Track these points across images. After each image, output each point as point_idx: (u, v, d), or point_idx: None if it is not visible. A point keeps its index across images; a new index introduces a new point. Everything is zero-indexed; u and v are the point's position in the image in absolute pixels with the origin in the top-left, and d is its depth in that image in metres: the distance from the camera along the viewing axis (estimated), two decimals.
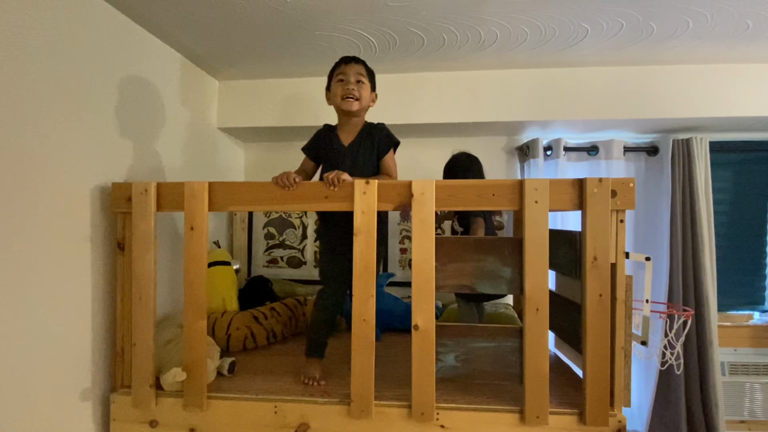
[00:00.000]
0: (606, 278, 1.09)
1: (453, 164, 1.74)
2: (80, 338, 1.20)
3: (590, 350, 1.08)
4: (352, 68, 1.30)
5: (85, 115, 1.22)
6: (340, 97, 1.29)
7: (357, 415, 1.12)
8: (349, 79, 1.28)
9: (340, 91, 1.29)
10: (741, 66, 1.78)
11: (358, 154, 1.32)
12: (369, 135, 1.34)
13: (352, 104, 1.29)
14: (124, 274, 1.24)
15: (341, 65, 1.32)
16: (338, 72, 1.32)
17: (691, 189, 1.99)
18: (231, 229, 2.29)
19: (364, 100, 1.31)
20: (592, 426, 1.09)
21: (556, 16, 1.41)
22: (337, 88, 1.30)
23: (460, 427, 1.12)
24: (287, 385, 1.25)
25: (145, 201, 1.19)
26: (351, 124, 1.35)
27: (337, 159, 1.32)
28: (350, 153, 1.32)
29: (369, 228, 1.13)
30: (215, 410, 1.18)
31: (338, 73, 1.31)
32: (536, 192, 1.09)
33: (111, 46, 1.33)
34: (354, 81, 1.29)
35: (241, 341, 1.55)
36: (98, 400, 1.24)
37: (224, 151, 2.16)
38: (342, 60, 1.34)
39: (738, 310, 2.17)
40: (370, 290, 1.12)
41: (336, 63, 1.35)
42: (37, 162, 1.07)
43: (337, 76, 1.31)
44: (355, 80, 1.29)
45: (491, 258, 1.14)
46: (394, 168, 1.35)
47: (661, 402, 1.97)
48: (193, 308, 1.17)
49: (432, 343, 1.11)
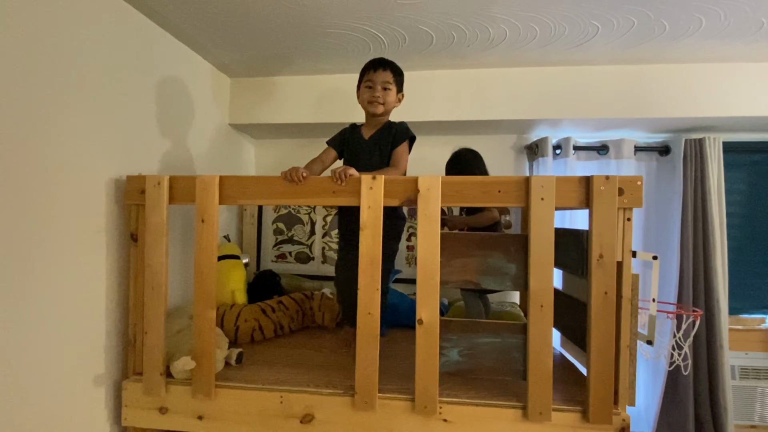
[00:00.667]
0: (612, 276, 1.08)
1: (457, 160, 1.74)
2: (94, 326, 1.24)
3: (594, 348, 1.08)
4: (380, 76, 1.41)
5: (101, 111, 1.26)
6: (367, 101, 1.42)
7: (361, 407, 1.14)
8: (375, 87, 1.41)
9: (367, 96, 1.42)
10: (756, 65, 1.75)
11: (376, 147, 1.44)
12: (389, 130, 1.44)
13: (378, 107, 1.42)
14: (137, 264, 1.28)
15: (370, 70, 1.43)
16: (367, 77, 1.44)
17: (704, 190, 1.96)
18: (241, 224, 2.33)
19: (389, 104, 1.44)
20: (595, 424, 1.09)
21: (566, 13, 1.40)
22: (364, 93, 1.44)
23: (463, 422, 1.13)
24: (293, 375, 1.28)
25: (157, 193, 1.22)
26: (375, 122, 1.48)
27: (357, 151, 1.46)
28: (369, 145, 1.45)
29: (375, 223, 1.14)
30: (223, 399, 1.21)
31: (366, 79, 1.44)
32: (542, 189, 1.09)
33: (126, 44, 1.36)
34: (380, 88, 1.41)
35: (249, 333, 1.58)
36: (111, 386, 1.28)
37: (235, 147, 2.20)
38: (371, 65, 1.43)
39: (750, 313, 2.14)
40: (375, 284, 1.14)
41: (366, 66, 1.45)
42: (56, 155, 1.11)
43: (365, 81, 1.44)
44: (381, 87, 1.41)
45: (496, 254, 1.15)
46: (404, 160, 1.41)
47: (668, 403, 1.95)
48: (203, 298, 1.20)
49: (436, 338, 1.12)
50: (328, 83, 2.01)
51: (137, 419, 1.24)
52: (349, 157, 1.48)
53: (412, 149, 1.46)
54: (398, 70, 1.46)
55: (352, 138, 1.49)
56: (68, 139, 1.15)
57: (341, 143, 1.51)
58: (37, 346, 1.07)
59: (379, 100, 1.40)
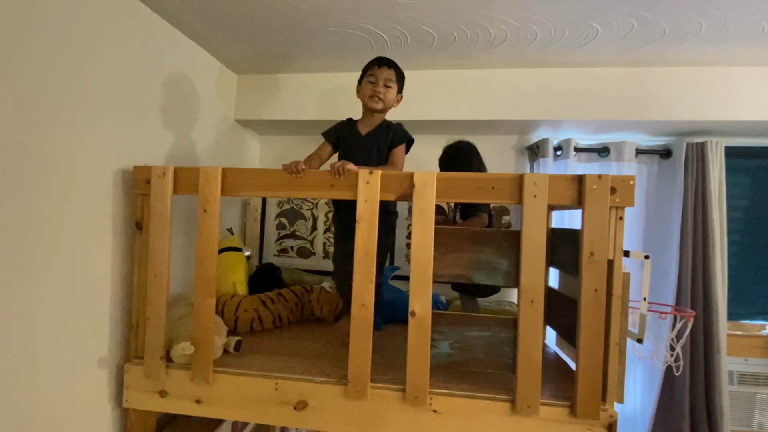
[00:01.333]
0: (602, 274, 1.10)
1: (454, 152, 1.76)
2: (99, 310, 1.29)
3: (583, 344, 1.10)
4: (383, 73, 1.45)
5: (112, 105, 1.31)
6: (368, 96, 1.45)
7: (353, 396, 1.17)
8: (378, 82, 1.44)
9: (368, 90, 1.45)
10: (758, 69, 1.75)
11: (373, 143, 1.46)
12: (386, 129, 1.47)
13: (377, 103, 1.45)
14: (141, 252, 1.32)
15: (374, 66, 1.46)
16: (370, 72, 1.46)
17: (704, 193, 1.96)
18: (244, 218, 2.38)
19: (388, 102, 1.47)
20: (582, 419, 1.10)
21: (566, 15, 1.42)
22: (366, 87, 1.46)
23: (453, 413, 1.15)
24: (289, 364, 1.31)
25: (162, 184, 1.26)
26: (372, 118, 1.50)
27: (354, 146, 1.47)
28: (366, 142, 1.47)
29: (371, 216, 1.17)
30: (220, 384, 1.24)
31: (370, 74, 1.46)
32: (535, 186, 1.11)
33: (137, 41, 1.41)
34: (382, 85, 1.44)
35: (248, 323, 1.61)
36: (114, 369, 1.33)
37: (241, 142, 2.25)
38: (376, 61, 1.47)
39: (751, 319, 2.13)
40: (369, 276, 1.17)
41: (370, 61, 1.48)
42: (67, 146, 1.16)
43: (369, 76, 1.46)
44: (383, 84, 1.44)
45: (489, 250, 1.17)
46: (401, 161, 1.44)
47: (664, 406, 1.95)
48: (204, 286, 1.24)
49: (428, 330, 1.14)
50: (332, 81, 2.04)
51: (138, 401, 1.29)
52: (344, 151, 1.49)
53: (409, 151, 1.49)
54: (401, 71, 1.50)
55: (348, 133, 1.51)
56: (79, 131, 1.20)
57: (337, 136, 1.52)
58: (45, 328, 1.12)
59: (380, 95, 1.43)
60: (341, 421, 1.19)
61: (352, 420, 1.18)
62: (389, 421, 1.17)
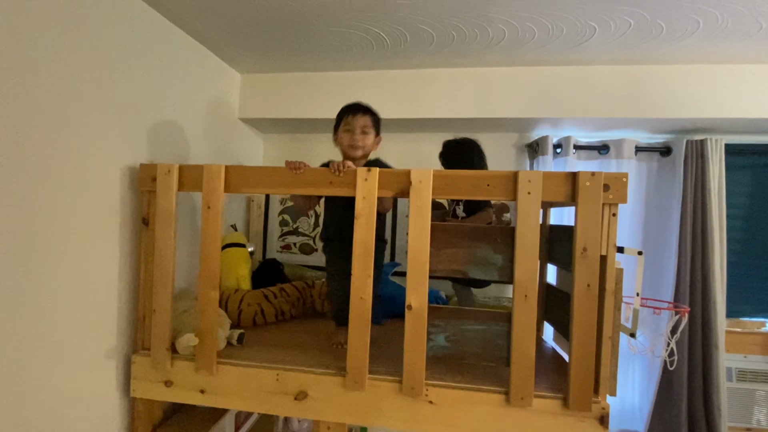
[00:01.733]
0: (594, 269, 1.12)
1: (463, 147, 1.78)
2: (107, 303, 1.34)
3: (576, 337, 1.12)
4: (359, 120, 1.44)
5: (118, 104, 1.35)
6: (347, 145, 1.45)
7: (351, 387, 1.20)
8: (354, 131, 1.44)
9: (346, 140, 1.45)
10: (758, 67, 1.75)
11: None
12: None
13: (356, 151, 1.44)
14: (147, 247, 1.36)
15: (348, 115, 1.46)
16: (346, 121, 1.46)
17: (704, 191, 1.96)
18: (248, 215, 2.42)
19: (368, 147, 1.46)
20: (574, 411, 1.13)
21: (563, 14, 1.44)
22: (344, 137, 1.46)
23: (448, 404, 1.18)
24: (290, 356, 1.35)
25: (167, 181, 1.30)
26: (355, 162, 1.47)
27: None
28: None
29: (369, 212, 1.20)
30: (223, 375, 1.29)
31: (345, 122, 1.46)
32: (529, 183, 1.14)
33: (143, 42, 1.45)
34: (359, 132, 1.44)
35: (251, 317, 1.66)
36: (121, 359, 1.38)
37: (244, 140, 2.29)
38: (349, 109, 1.47)
39: (750, 316, 2.13)
40: (368, 271, 1.20)
41: (344, 109, 1.49)
42: (76, 145, 1.20)
43: (345, 125, 1.46)
44: (360, 132, 1.44)
45: (484, 245, 1.20)
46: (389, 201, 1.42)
47: (662, 402, 1.97)
48: (207, 279, 1.28)
49: (424, 323, 1.17)
50: (334, 80, 2.08)
51: (144, 391, 1.33)
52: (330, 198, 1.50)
53: None
54: (376, 115, 1.49)
55: None
56: (88, 131, 1.24)
57: None
58: (56, 321, 1.17)
59: (359, 144, 1.43)
60: (339, 411, 1.22)
61: (350, 410, 1.22)
62: (386, 411, 1.20)
